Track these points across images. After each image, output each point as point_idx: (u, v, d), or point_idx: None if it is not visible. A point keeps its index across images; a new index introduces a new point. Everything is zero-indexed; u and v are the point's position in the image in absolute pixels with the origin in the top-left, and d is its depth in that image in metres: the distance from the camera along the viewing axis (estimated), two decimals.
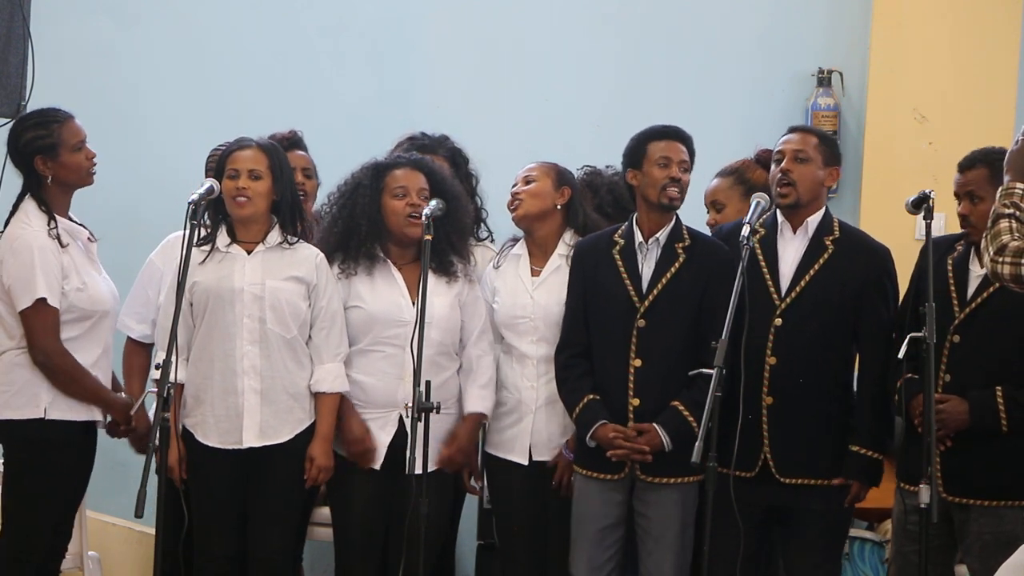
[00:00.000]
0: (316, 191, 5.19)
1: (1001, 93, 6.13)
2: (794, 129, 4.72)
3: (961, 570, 4.57)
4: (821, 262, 4.56)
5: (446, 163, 5.06)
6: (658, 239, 4.66)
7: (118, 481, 5.35)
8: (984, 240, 3.86)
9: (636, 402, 4.58)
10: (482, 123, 6.09)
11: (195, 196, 4.41)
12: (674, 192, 4.62)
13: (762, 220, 4.60)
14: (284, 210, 4.66)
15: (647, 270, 4.65)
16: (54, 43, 5.59)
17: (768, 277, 4.56)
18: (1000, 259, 3.77)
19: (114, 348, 4.77)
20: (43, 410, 4.49)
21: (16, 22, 4.84)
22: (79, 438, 4.58)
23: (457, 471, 4.86)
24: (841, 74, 6.30)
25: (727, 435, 4.31)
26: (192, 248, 4.38)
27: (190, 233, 4.37)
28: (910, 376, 4.34)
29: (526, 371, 4.81)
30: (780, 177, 4.58)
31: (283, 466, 4.61)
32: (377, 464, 4.70)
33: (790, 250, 4.60)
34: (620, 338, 4.60)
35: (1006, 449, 4.32)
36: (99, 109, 5.51)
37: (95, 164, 4.66)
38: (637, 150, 4.67)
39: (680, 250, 4.64)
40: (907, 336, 4.19)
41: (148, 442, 4.19)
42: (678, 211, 4.69)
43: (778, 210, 4.63)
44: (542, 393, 4.78)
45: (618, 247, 4.68)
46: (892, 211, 4.74)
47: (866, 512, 4.80)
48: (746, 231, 4.38)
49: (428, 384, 4.34)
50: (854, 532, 5.31)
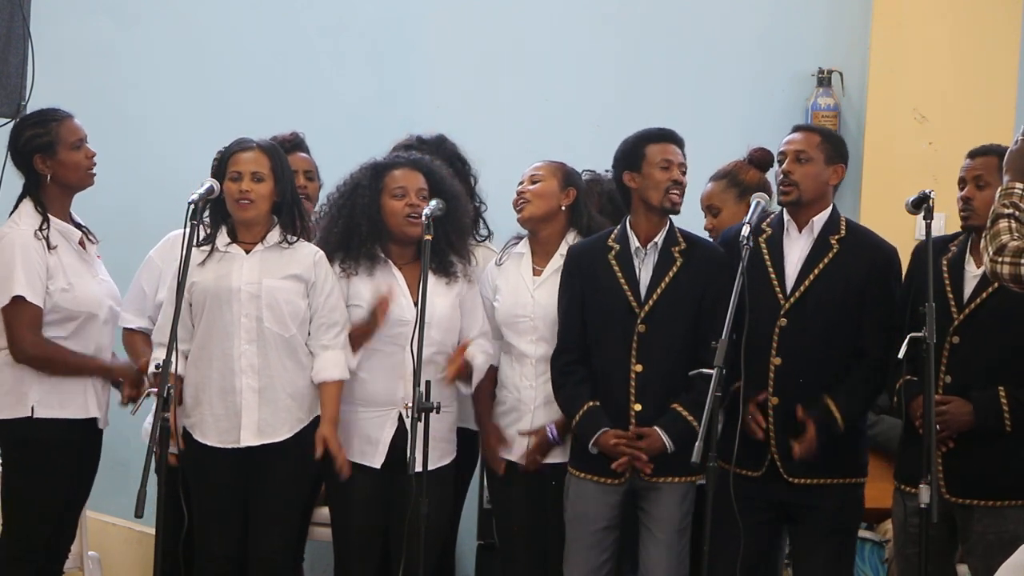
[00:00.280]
0: (318, 193, 5.19)
1: (1001, 93, 6.12)
2: (798, 128, 4.71)
3: (962, 570, 4.57)
4: (826, 261, 4.54)
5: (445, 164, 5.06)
6: (656, 243, 4.65)
7: (118, 481, 5.35)
8: (983, 240, 3.86)
9: (638, 407, 4.57)
10: (482, 123, 6.09)
11: (195, 196, 4.41)
12: (676, 196, 4.62)
13: (769, 219, 4.59)
14: (285, 211, 4.66)
15: (645, 275, 4.63)
16: (54, 43, 5.60)
17: (773, 277, 4.55)
18: (1000, 259, 3.77)
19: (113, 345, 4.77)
20: (30, 408, 4.50)
21: (16, 22, 4.84)
22: (74, 436, 4.58)
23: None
24: (841, 74, 6.30)
25: (735, 434, 4.33)
26: (192, 248, 4.39)
27: (190, 233, 4.37)
28: (909, 378, 4.34)
29: (525, 370, 4.81)
30: (782, 178, 4.58)
31: (283, 466, 4.60)
32: (377, 463, 4.70)
33: (795, 250, 4.59)
34: (620, 343, 4.59)
35: (1008, 449, 4.32)
36: (99, 109, 5.51)
37: (95, 164, 4.67)
38: (634, 152, 4.65)
39: (677, 254, 4.64)
40: (907, 336, 4.19)
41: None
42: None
43: (784, 209, 4.63)
44: (541, 392, 4.78)
45: (614, 252, 4.65)
46: (892, 211, 4.73)
47: (866, 512, 4.79)
48: (746, 231, 4.38)
49: (428, 384, 4.35)
50: None
